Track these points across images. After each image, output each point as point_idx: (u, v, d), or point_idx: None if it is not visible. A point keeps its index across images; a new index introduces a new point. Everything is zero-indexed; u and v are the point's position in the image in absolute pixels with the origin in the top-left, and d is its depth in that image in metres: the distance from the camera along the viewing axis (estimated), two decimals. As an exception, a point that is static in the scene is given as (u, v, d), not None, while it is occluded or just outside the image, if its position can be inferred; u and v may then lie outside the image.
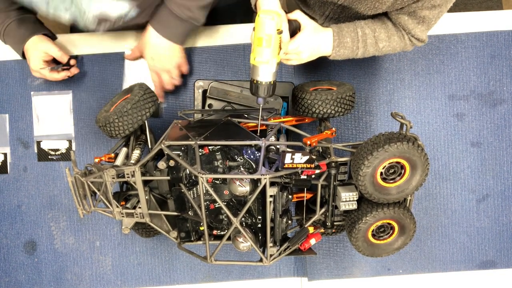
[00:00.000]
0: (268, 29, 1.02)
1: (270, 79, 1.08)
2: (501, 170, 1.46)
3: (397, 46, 1.23)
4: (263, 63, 1.05)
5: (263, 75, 1.07)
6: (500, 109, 1.45)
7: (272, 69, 1.07)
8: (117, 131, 1.16)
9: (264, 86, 1.08)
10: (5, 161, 1.47)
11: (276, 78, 1.09)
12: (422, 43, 1.24)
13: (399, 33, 1.22)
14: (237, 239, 1.12)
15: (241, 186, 1.06)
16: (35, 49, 1.33)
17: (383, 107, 1.46)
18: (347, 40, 1.20)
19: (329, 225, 1.22)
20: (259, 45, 1.03)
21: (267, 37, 1.02)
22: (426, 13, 1.16)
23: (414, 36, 1.22)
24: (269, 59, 1.04)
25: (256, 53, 1.05)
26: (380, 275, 1.49)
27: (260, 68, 1.06)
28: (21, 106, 1.46)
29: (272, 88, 1.10)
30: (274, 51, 1.04)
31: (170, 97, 1.46)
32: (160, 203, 1.23)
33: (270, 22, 1.01)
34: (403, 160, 1.06)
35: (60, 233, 1.48)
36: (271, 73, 1.07)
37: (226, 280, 1.49)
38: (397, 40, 1.22)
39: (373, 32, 1.21)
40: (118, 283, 1.49)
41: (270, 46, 1.03)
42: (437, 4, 1.14)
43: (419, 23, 1.19)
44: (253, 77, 1.08)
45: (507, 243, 1.48)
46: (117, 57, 1.45)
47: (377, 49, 1.22)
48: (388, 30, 1.21)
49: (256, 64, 1.06)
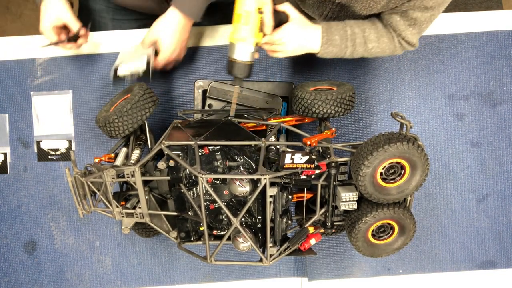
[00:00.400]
0: (247, 5, 1.01)
1: (246, 58, 1.06)
2: (501, 170, 1.46)
3: (387, 48, 1.23)
4: (240, 40, 1.03)
5: (239, 53, 1.05)
6: (500, 109, 1.45)
7: (250, 48, 1.05)
8: (117, 131, 1.16)
9: (239, 65, 1.06)
10: (5, 161, 1.47)
11: (254, 60, 1.07)
12: (412, 47, 1.24)
13: (389, 35, 1.21)
14: (237, 239, 1.12)
15: (241, 186, 1.06)
16: (49, 8, 1.27)
17: (383, 107, 1.46)
18: (335, 37, 1.19)
19: (329, 225, 1.22)
20: (238, 21, 1.02)
21: (245, 14, 1.01)
22: (418, 15, 1.16)
23: (404, 39, 1.21)
24: (247, 36, 1.03)
25: (234, 29, 1.04)
26: (380, 275, 1.49)
27: (236, 45, 1.05)
28: (21, 106, 1.46)
29: (248, 69, 1.07)
30: (252, 29, 1.03)
31: (170, 97, 1.46)
32: (160, 203, 1.23)
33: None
34: (403, 160, 1.06)
35: (60, 233, 1.48)
36: (248, 52, 1.05)
37: (226, 280, 1.49)
38: (386, 41, 1.22)
39: (362, 32, 1.20)
40: (118, 283, 1.49)
41: (248, 23, 1.02)
42: (429, 6, 1.13)
43: (411, 25, 1.18)
44: (229, 55, 1.07)
45: (507, 243, 1.48)
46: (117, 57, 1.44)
47: (366, 49, 1.22)
48: (378, 31, 1.21)
49: (233, 41, 1.05)
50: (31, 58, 1.45)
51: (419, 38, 1.24)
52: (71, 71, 1.46)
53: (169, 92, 1.45)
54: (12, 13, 2.60)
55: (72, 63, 1.45)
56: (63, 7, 1.27)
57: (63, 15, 1.28)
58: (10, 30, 2.58)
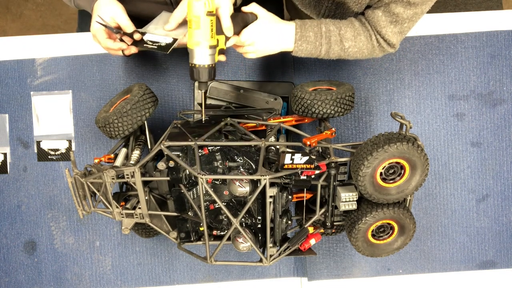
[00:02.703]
0: (195, 10, 1.01)
1: (205, 62, 1.06)
2: (501, 170, 1.46)
3: (364, 47, 1.21)
4: (195, 45, 1.04)
5: (197, 57, 1.05)
6: (500, 109, 1.45)
7: (206, 51, 1.05)
8: (117, 132, 1.16)
9: (198, 69, 1.06)
10: (5, 161, 1.47)
11: (213, 62, 1.07)
12: (392, 49, 1.22)
13: (367, 33, 1.20)
14: (237, 240, 1.12)
15: (241, 186, 1.07)
16: (102, 8, 1.18)
17: (383, 107, 1.46)
18: (309, 34, 1.18)
19: (329, 225, 1.22)
20: (190, 27, 1.03)
21: (195, 19, 1.01)
22: (401, 11, 1.14)
23: (384, 37, 1.19)
24: (200, 41, 1.03)
25: (188, 35, 1.05)
26: (380, 275, 1.49)
27: (193, 50, 1.05)
28: (21, 106, 1.46)
29: (208, 72, 1.07)
30: (205, 33, 1.03)
31: (170, 98, 1.46)
32: (160, 203, 1.23)
33: (196, 4, 1.00)
34: (403, 161, 1.06)
35: (60, 233, 1.49)
36: (205, 55, 1.05)
37: (226, 280, 1.49)
38: (364, 40, 1.20)
39: (338, 29, 1.19)
40: (118, 283, 1.50)
41: (199, 27, 1.02)
42: (412, 2, 1.12)
43: (392, 23, 1.17)
44: (190, 61, 1.07)
45: (507, 243, 1.48)
46: (117, 57, 1.45)
47: (343, 48, 1.20)
48: (355, 29, 1.19)
49: (190, 46, 1.05)
50: (31, 58, 1.45)
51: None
52: (71, 71, 1.46)
53: (169, 92, 1.45)
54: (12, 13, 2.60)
55: (72, 63, 1.45)
56: (118, 8, 1.19)
57: (117, 16, 1.18)
58: (10, 30, 2.58)
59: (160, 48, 1.14)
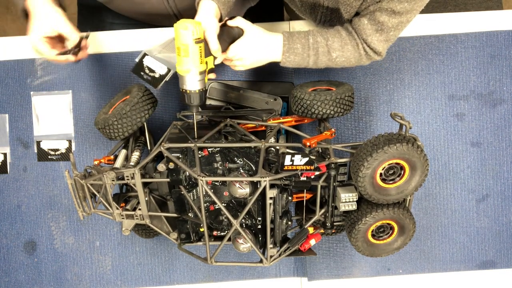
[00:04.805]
0: (183, 39, 1.01)
1: (195, 87, 1.07)
2: (501, 170, 1.46)
3: (351, 56, 1.21)
4: (184, 72, 1.05)
5: (187, 84, 1.07)
6: (500, 109, 1.45)
7: (196, 78, 1.06)
8: (116, 133, 1.16)
9: (190, 94, 1.08)
10: (5, 161, 1.47)
11: (204, 85, 1.08)
12: (378, 57, 1.22)
13: (354, 42, 1.19)
14: (237, 241, 1.12)
15: (241, 188, 1.07)
16: (41, 16, 1.08)
17: (383, 107, 1.45)
18: (297, 46, 1.18)
19: (329, 225, 1.22)
20: (178, 54, 1.03)
21: (184, 47, 1.02)
22: (385, 19, 1.14)
23: (370, 46, 1.19)
24: (189, 68, 1.04)
25: (177, 62, 1.05)
26: (380, 275, 1.49)
27: (184, 77, 1.06)
28: (21, 106, 1.46)
29: (199, 97, 1.08)
30: (194, 60, 1.03)
31: (169, 99, 1.46)
32: (160, 204, 1.23)
33: (184, 33, 1.01)
34: (403, 161, 1.06)
35: (60, 233, 1.49)
36: (195, 81, 1.06)
37: (226, 280, 1.50)
38: (351, 49, 1.20)
39: (325, 40, 1.19)
40: (118, 283, 1.50)
41: (188, 55, 1.03)
42: (397, 11, 1.12)
43: (378, 31, 1.16)
44: (180, 86, 1.08)
45: (507, 243, 1.48)
46: (117, 57, 1.44)
47: (330, 58, 1.20)
48: (342, 39, 1.19)
49: (180, 73, 1.06)
50: (31, 58, 1.45)
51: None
52: (71, 71, 1.45)
53: (168, 93, 1.45)
54: (12, 13, 2.60)
55: (72, 63, 1.44)
56: (58, 15, 1.10)
57: (59, 24, 1.10)
58: (10, 30, 2.58)
59: (152, 80, 1.17)
